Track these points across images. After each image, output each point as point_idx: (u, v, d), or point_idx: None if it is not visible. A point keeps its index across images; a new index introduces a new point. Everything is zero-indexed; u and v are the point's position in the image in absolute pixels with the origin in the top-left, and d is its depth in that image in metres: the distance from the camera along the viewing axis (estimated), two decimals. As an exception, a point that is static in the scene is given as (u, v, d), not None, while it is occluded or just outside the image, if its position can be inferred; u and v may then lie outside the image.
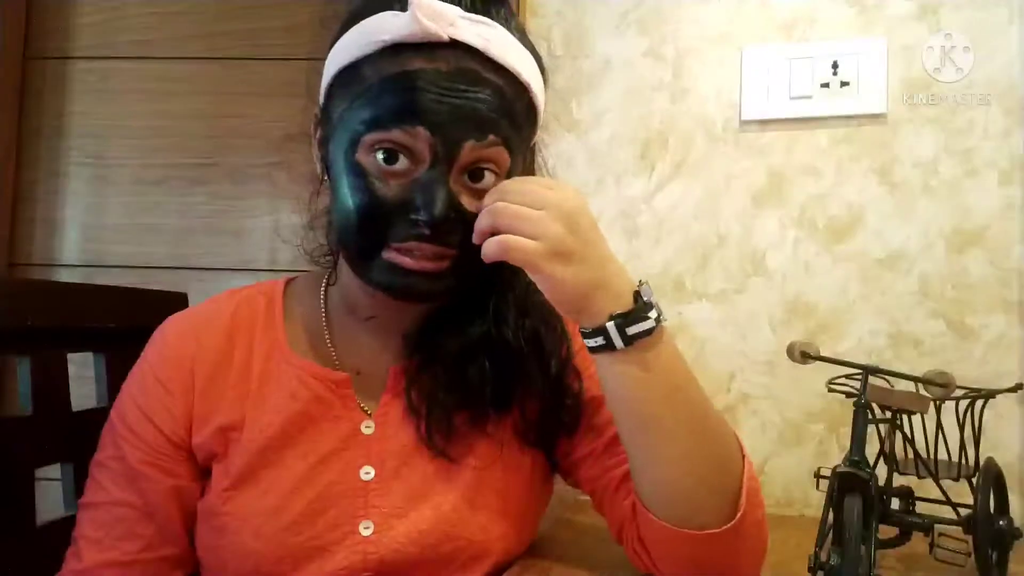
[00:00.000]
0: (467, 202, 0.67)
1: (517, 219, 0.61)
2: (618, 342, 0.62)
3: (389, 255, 0.67)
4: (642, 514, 0.69)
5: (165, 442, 0.75)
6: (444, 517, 0.73)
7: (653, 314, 0.63)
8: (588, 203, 0.65)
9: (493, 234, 0.63)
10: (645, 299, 0.63)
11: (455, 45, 0.65)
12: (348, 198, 0.67)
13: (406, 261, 0.66)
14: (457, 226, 0.66)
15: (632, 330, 0.62)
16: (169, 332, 0.79)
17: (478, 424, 0.76)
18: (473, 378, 0.74)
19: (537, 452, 0.80)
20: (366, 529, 0.72)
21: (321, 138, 0.74)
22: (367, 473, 0.74)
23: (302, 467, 0.73)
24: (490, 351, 0.74)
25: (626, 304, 0.63)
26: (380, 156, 0.66)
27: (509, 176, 0.69)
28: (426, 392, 0.75)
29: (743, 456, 0.70)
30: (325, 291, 0.82)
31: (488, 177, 0.67)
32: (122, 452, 0.74)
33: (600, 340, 0.63)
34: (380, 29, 0.66)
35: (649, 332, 0.62)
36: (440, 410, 0.74)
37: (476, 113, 0.65)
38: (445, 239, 0.66)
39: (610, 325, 0.62)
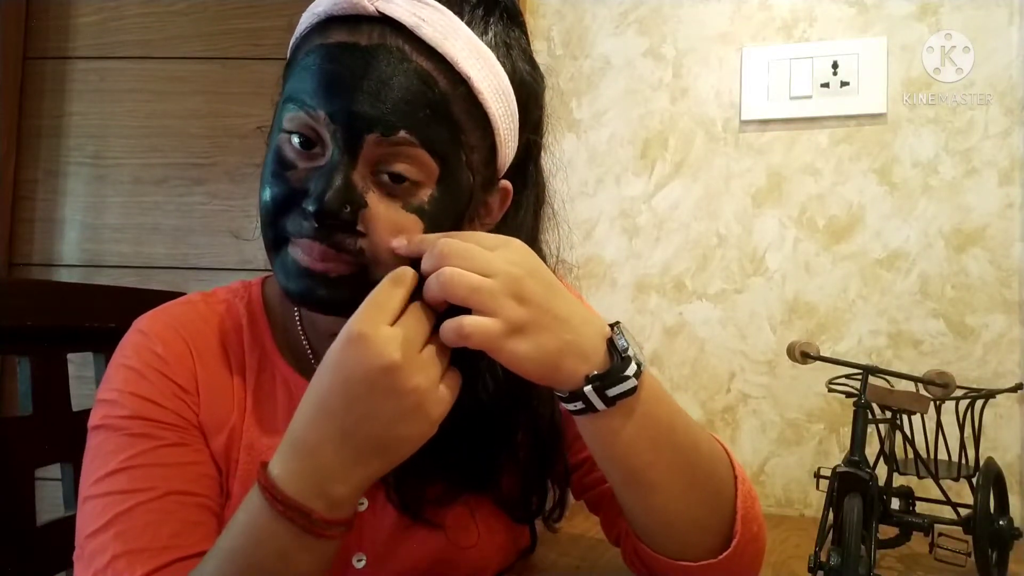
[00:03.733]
0: (376, 202, 0.58)
1: (473, 293, 0.52)
2: (599, 405, 0.56)
3: (292, 250, 0.60)
4: (638, 543, 0.67)
5: (193, 427, 0.67)
6: (440, 542, 0.70)
7: (632, 368, 0.55)
8: (534, 257, 0.57)
9: (449, 305, 0.54)
10: (622, 352, 0.56)
11: (385, 21, 0.57)
12: (262, 185, 0.61)
13: (301, 257, 0.59)
14: (355, 227, 0.57)
15: (613, 391, 0.55)
16: (161, 332, 0.70)
17: (452, 493, 0.70)
18: (449, 458, 0.67)
19: None
20: (359, 561, 0.69)
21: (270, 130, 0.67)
22: (361, 504, 0.69)
23: None
24: (469, 423, 0.65)
25: (600, 360, 0.56)
26: (296, 139, 0.59)
27: (443, 186, 0.59)
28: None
29: (735, 478, 0.65)
30: None
31: (409, 184, 0.58)
32: (144, 446, 0.65)
33: (579, 404, 0.56)
34: (318, 2, 0.60)
35: (632, 391, 0.56)
36: (411, 485, 0.68)
37: (384, 100, 0.56)
38: (338, 240, 0.58)
39: (588, 389, 0.55)
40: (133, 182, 1.45)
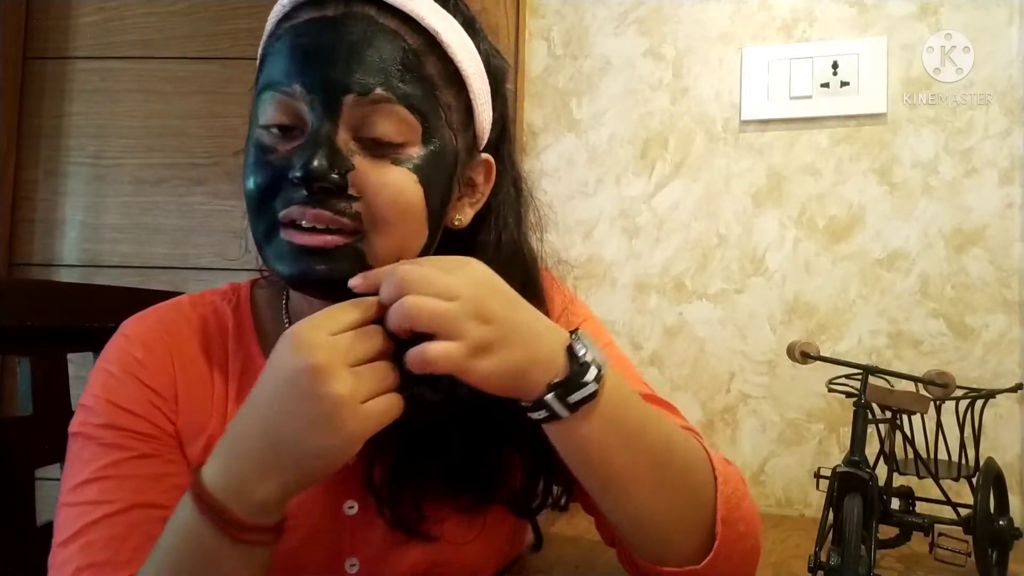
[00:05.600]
0: (363, 163, 0.58)
1: (436, 319, 0.52)
2: (563, 412, 0.55)
3: (285, 233, 0.59)
4: (626, 549, 0.66)
5: (168, 436, 0.66)
6: (433, 548, 0.69)
7: (592, 374, 0.55)
8: (494, 275, 0.57)
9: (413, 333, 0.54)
10: (580, 359, 0.56)
11: None
12: (245, 177, 0.61)
13: (296, 237, 0.58)
14: (347, 191, 0.57)
15: (574, 398, 0.55)
16: (144, 336, 0.69)
17: (451, 500, 0.69)
18: (453, 465, 0.66)
19: None
20: (352, 567, 0.69)
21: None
22: (351, 508, 0.69)
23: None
24: (474, 414, 0.64)
25: (561, 368, 0.56)
26: (274, 132, 0.60)
27: (428, 144, 0.60)
28: (389, 473, 0.66)
29: (715, 479, 0.63)
30: (286, 303, 0.73)
31: (395, 143, 0.59)
32: (115, 456, 0.65)
33: (543, 413, 0.56)
34: None
35: (593, 396, 0.55)
36: (407, 500, 0.67)
37: (357, 62, 0.57)
38: (333, 204, 0.57)
39: (550, 398, 0.55)
40: (133, 182, 1.45)
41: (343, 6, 0.59)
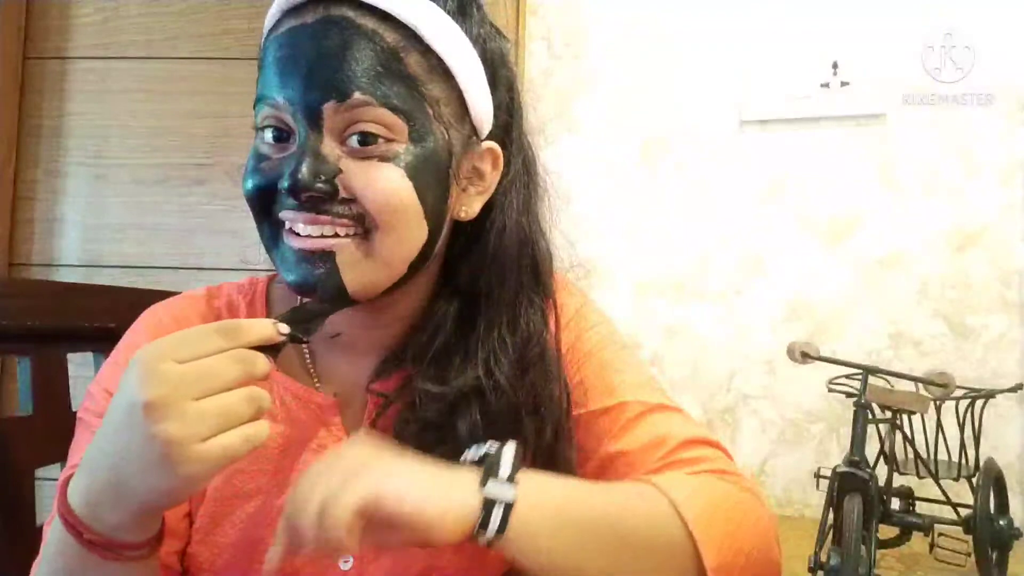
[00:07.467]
0: (351, 165, 0.59)
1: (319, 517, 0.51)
2: (508, 493, 0.53)
3: (287, 237, 0.61)
4: None
5: None
6: (431, 550, 0.66)
7: (497, 445, 0.56)
8: (361, 440, 0.56)
9: None
10: (478, 453, 0.56)
11: None
12: (243, 184, 0.62)
13: (296, 241, 0.60)
14: (335, 195, 0.58)
15: (504, 471, 0.54)
16: (153, 327, 0.71)
17: None
18: (461, 444, 0.64)
19: None
20: (345, 563, 0.67)
21: None
22: None
23: (279, 498, 0.66)
24: (480, 407, 0.64)
25: (473, 475, 0.54)
26: (269, 135, 0.61)
27: (416, 142, 0.60)
28: None
29: (691, 537, 0.58)
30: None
31: (382, 144, 0.59)
32: None
33: (498, 514, 0.52)
34: (273, 5, 0.62)
35: (520, 453, 0.55)
36: None
37: (334, 69, 0.58)
38: (329, 209, 0.59)
39: (490, 485, 0.53)
40: (133, 182, 1.45)
41: (321, 10, 0.59)
